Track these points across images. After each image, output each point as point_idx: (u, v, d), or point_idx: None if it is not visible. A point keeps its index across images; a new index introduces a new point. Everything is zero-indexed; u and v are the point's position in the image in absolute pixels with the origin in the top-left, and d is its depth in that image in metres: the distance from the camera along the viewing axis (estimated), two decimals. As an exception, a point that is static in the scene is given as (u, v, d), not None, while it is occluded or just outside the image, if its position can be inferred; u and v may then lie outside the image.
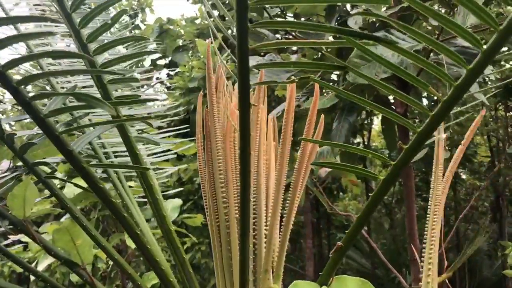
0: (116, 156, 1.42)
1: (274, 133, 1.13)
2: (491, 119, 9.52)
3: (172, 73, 8.20)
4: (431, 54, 2.20)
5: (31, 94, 0.80)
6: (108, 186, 1.29)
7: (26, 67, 1.48)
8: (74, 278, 2.68)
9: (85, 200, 3.14)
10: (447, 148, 9.14)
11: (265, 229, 1.03)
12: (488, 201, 11.76)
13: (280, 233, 1.02)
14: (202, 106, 1.12)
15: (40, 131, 0.87)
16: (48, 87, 1.45)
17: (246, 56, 0.64)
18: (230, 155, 1.05)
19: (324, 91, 2.55)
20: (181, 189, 3.90)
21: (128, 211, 1.23)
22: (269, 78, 2.35)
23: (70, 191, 2.98)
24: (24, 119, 0.90)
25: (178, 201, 3.90)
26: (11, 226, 1.19)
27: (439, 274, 1.77)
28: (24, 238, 2.76)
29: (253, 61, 1.99)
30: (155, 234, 1.56)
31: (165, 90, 7.87)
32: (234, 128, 1.09)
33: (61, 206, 0.99)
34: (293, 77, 0.74)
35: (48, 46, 1.51)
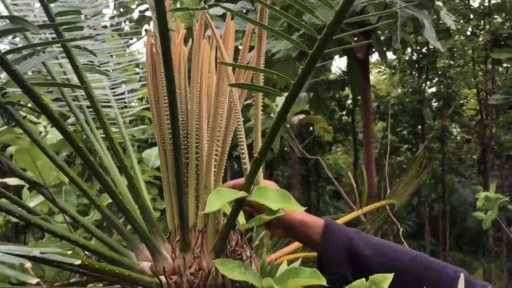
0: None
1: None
2: (481, 73, 9.58)
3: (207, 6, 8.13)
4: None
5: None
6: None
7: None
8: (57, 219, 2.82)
9: (69, 147, 3.26)
10: (435, 101, 9.22)
11: (206, 152, 1.15)
12: (477, 155, 11.99)
13: (217, 154, 1.14)
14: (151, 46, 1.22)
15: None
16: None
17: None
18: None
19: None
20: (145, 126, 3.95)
21: (97, 155, 1.35)
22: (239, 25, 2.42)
23: (53, 137, 3.09)
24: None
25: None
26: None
27: (380, 200, 1.91)
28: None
29: (218, 10, 2.05)
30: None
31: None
32: (179, 61, 1.20)
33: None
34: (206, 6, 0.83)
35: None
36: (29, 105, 1.82)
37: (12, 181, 2.88)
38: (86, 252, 1.27)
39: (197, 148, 1.16)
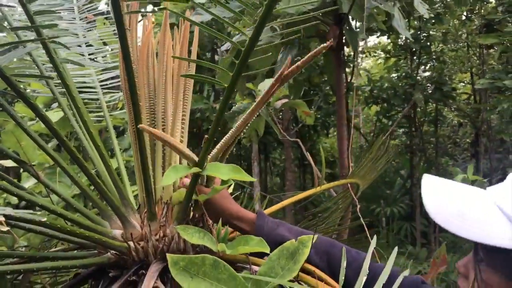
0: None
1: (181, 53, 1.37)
2: (475, 57, 9.65)
3: (156, 9, 8.23)
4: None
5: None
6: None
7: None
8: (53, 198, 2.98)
9: (63, 129, 3.41)
10: (427, 85, 9.31)
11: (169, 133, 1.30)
12: (471, 138, 12.10)
13: (183, 136, 1.30)
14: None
15: None
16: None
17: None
18: (142, 73, 1.30)
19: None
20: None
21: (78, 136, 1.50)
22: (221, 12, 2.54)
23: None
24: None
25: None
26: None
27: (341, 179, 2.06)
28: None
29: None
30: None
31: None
32: (147, 54, 1.34)
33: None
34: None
35: None
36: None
37: (8, 163, 3.03)
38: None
39: (163, 131, 1.32)
